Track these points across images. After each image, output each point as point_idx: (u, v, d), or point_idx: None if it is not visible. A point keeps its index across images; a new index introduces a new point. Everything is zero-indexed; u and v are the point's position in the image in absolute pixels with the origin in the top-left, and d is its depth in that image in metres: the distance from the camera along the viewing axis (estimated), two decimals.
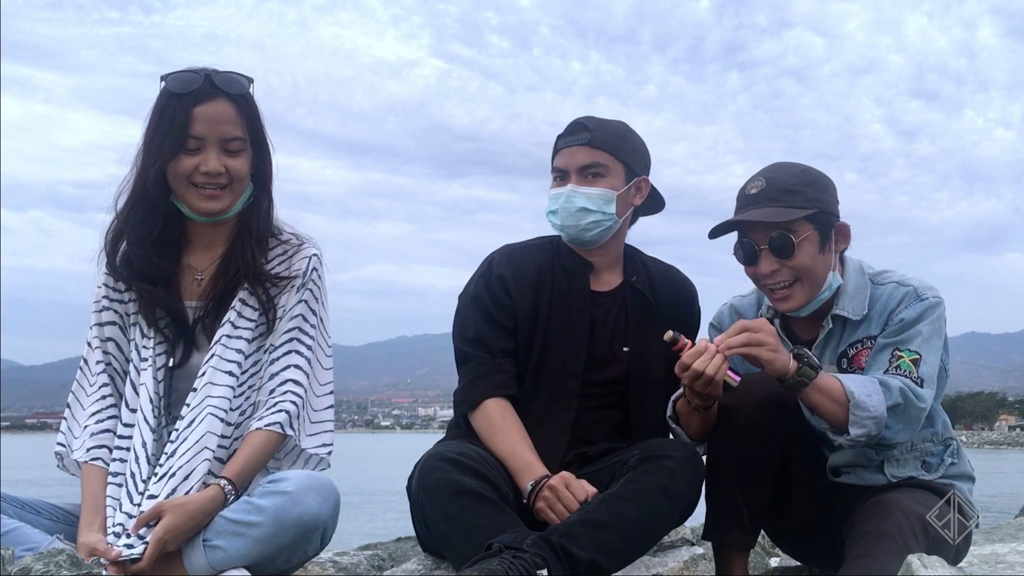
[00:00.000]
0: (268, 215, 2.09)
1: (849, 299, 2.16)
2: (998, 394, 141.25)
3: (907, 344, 2.06)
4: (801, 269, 2.09)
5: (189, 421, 1.93)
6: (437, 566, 2.17)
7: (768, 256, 2.10)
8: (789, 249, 2.08)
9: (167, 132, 1.92)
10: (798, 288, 2.11)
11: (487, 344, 2.26)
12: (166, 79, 1.96)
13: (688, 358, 1.96)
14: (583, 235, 2.30)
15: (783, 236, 2.07)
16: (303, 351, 2.05)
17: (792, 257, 2.08)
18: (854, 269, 2.20)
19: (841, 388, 1.98)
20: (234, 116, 1.97)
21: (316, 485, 1.87)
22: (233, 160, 1.97)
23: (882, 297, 2.15)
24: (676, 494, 2.03)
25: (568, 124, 2.34)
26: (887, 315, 2.12)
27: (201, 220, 2.01)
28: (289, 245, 2.10)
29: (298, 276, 2.06)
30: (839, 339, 2.18)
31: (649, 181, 2.37)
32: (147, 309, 2.01)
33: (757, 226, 2.10)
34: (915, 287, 2.12)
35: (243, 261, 2.01)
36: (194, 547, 1.84)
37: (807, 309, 2.16)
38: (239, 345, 1.99)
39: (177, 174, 1.95)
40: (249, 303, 2.02)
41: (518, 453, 2.11)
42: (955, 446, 2.22)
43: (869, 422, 1.98)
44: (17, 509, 1.94)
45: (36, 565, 1.53)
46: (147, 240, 1.99)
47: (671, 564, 2.15)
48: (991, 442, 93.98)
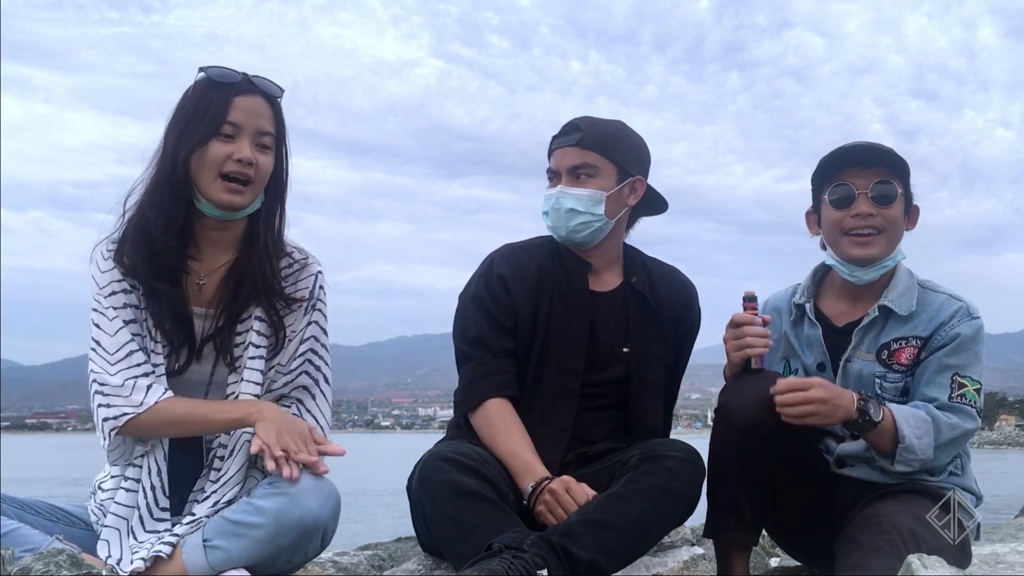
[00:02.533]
0: (281, 227, 2.08)
1: (899, 295, 2.19)
2: (998, 394, 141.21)
3: (968, 371, 2.12)
4: (891, 221, 2.17)
5: (231, 451, 1.96)
6: (437, 566, 2.17)
7: (867, 200, 2.16)
8: (891, 198, 2.16)
9: (203, 117, 1.92)
10: (880, 239, 2.17)
11: (488, 344, 2.26)
12: (205, 70, 1.97)
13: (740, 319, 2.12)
14: (573, 236, 2.30)
15: (890, 185, 2.16)
16: (312, 371, 2.07)
17: (889, 207, 2.16)
18: (905, 271, 2.24)
19: (893, 428, 2.04)
20: (269, 114, 1.99)
21: (316, 486, 1.87)
22: (262, 156, 1.96)
23: (934, 304, 2.19)
24: (676, 494, 2.04)
25: (563, 125, 2.34)
26: (938, 324, 2.15)
27: (216, 215, 1.97)
28: (294, 261, 2.09)
29: (305, 297, 2.06)
30: (881, 330, 2.20)
31: (645, 181, 2.36)
32: (156, 311, 1.96)
33: (861, 173, 2.17)
34: (967, 304, 2.18)
35: (261, 279, 1.99)
36: (194, 547, 1.83)
37: (871, 272, 2.18)
38: (259, 365, 2.00)
39: (206, 161, 1.92)
40: (264, 319, 2.02)
41: (518, 454, 2.11)
42: (960, 461, 2.22)
43: (916, 463, 2.07)
44: (17, 510, 1.93)
45: (36, 565, 1.53)
46: (174, 226, 1.95)
47: (671, 564, 2.15)
48: (991, 442, 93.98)
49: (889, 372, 2.17)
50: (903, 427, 2.03)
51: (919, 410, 2.09)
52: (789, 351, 2.30)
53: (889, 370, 2.17)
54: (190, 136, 1.91)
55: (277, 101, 2.02)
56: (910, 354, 2.16)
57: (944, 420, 2.07)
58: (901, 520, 1.96)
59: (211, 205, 1.95)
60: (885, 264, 2.19)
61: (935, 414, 2.08)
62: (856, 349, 2.20)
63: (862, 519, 2.01)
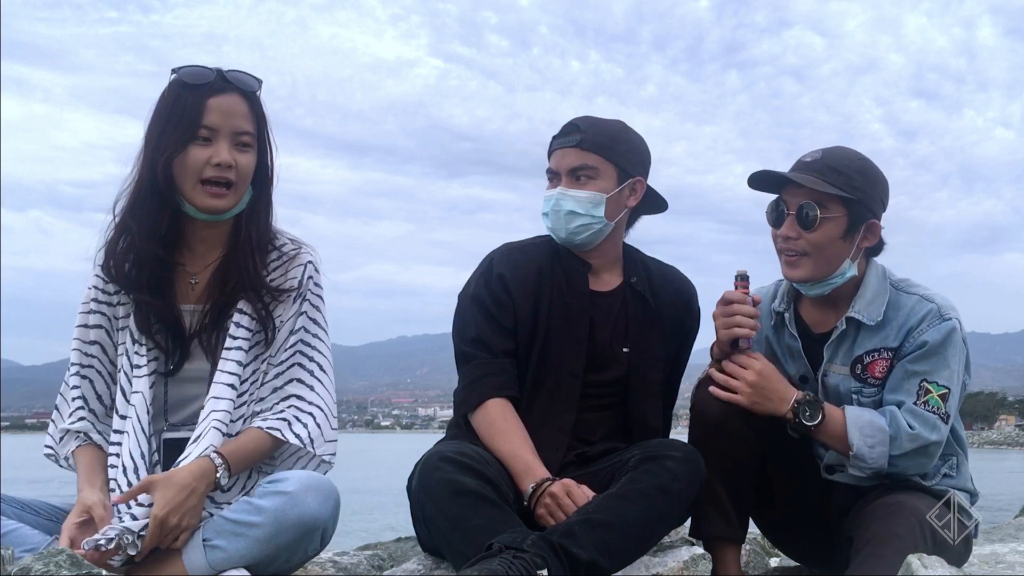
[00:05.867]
0: (267, 220, 2.07)
1: (866, 304, 2.15)
2: (998, 394, 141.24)
3: (935, 376, 2.07)
4: (816, 246, 2.11)
5: (196, 436, 1.91)
6: (437, 566, 2.17)
7: (792, 222, 2.12)
8: (811, 222, 2.09)
9: (179, 122, 1.90)
10: (806, 261, 2.13)
11: (488, 344, 2.26)
12: (177, 72, 1.95)
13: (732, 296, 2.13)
14: (573, 238, 2.29)
15: (810, 207, 2.09)
16: (305, 363, 2.04)
17: (811, 230, 2.10)
18: (877, 275, 2.19)
19: (845, 435, 2.05)
20: (246, 111, 1.97)
21: (316, 485, 1.87)
22: (242, 156, 1.95)
23: (904, 308, 2.13)
24: (676, 494, 2.04)
25: (563, 125, 2.33)
26: (907, 330, 2.11)
27: (202, 218, 1.98)
28: (285, 253, 2.08)
29: (294, 287, 2.04)
30: (853, 342, 2.17)
31: (645, 182, 2.35)
32: (143, 319, 1.98)
33: (794, 192, 2.12)
34: (939, 305, 2.11)
35: (245, 272, 1.99)
36: (194, 547, 1.83)
37: (816, 288, 2.16)
38: (238, 356, 1.97)
39: (185, 167, 1.92)
40: (247, 312, 2.00)
41: (518, 454, 2.11)
42: (955, 461, 2.21)
43: (867, 471, 2.07)
44: (16, 510, 1.93)
45: (36, 565, 1.53)
46: (156, 234, 1.95)
47: (671, 564, 2.15)
48: (991, 442, 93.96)
49: (865, 387, 2.15)
50: (853, 435, 2.04)
51: (881, 418, 2.07)
52: (771, 357, 2.25)
53: (865, 384, 2.15)
54: (167, 143, 1.91)
55: (255, 95, 1.99)
56: (883, 367, 2.14)
57: (906, 430, 2.04)
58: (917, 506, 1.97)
59: (195, 209, 1.96)
60: (829, 282, 2.14)
61: (899, 423, 2.05)
62: (831, 363, 2.19)
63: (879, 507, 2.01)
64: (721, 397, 2.08)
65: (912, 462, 2.07)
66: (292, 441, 1.97)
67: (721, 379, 2.09)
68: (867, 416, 2.07)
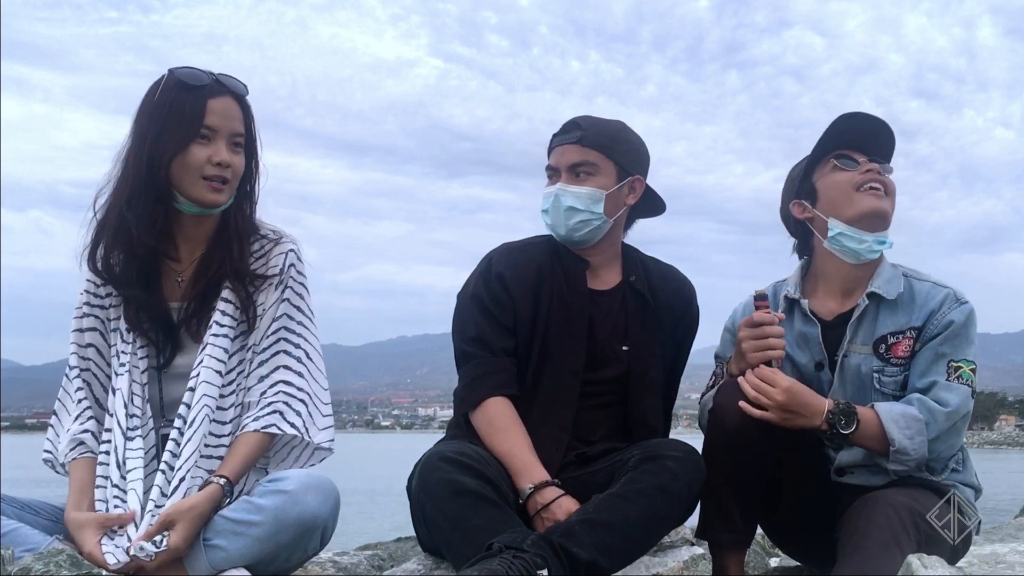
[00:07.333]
0: (251, 213, 2.11)
1: (885, 282, 2.19)
2: (998, 394, 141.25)
3: (962, 354, 2.12)
4: (891, 190, 2.22)
5: (190, 422, 1.92)
6: (437, 566, 2.17)
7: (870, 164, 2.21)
8: (890, 168, 2.24)
9: (180, 120, 1.94)
10: (888, 200, 2.21)
11: (487, 343, 2.26)
12: (174, 72, 1.98)
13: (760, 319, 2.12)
14: (572, 235, 2.29)
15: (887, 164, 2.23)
16: (291, 350, 2.05)
17: (890, 175, 2.23)
18: (887, 263, 2.25)
19: (881, 431, 2.04)
20: (239, 114, 2.02)
21: (316, 484, 1.87)
22: (235, 156, 2.00)
23: (922, 292, 2.18)
24: (676, 494, 2.04)
25: (564, 123, 2.34)
26: (928, 312, 2.15)
27: (195, 212, 2.01)
28: (267, 240, 2.11)
29: (275, 274, 2.06)
30: (875, 319, 2.19)
31: (644, 181, 2.36)
32: (132, 315, 2.01)
33: (877, 136, 2.24)
34: (952, 290, 2.17)
35: (229, 258, 2.02)
36: (194, 547, 1.83)
37: (877, 243, 2.19)
38: (224, 344, 1.99)
39: (187, 165, 1.95)
40: (231, 300, 2.02)
41: (518, 454, 2.11)
42: (961, 456, 2.22)
43: (910, 463, 2.06)
44: (16, 510, 1.93)
45: (36, 565, 1.53)
46: (153, 228, 1.98)
47: (671, 564, 2.15)
48: (991, 442, 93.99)
49: (887, 366, 2.16)
50: (892, 430, 2.03)
51: (911, 406, 2.07)
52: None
53: (887, 364, 2.16)
54: (168, 141, 1.94)
55: (245, 99, 2.05)
56: (907, 346, 2.16)
57: (938, 410, 2.06)
58: (897, 498, 1.97)
59: (192, 203, 1.99)
60: (884, 241, 2.20)
61: (928, 406, 2.06)
62: (852, 343, 2.19)
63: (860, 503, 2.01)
64: (753, 415, 2.04)
65: (946, 444, 2.08)
66: (288, 432, 1.97)
67: (753, 395, 2.05)
68: (899, 408, 2.08)
